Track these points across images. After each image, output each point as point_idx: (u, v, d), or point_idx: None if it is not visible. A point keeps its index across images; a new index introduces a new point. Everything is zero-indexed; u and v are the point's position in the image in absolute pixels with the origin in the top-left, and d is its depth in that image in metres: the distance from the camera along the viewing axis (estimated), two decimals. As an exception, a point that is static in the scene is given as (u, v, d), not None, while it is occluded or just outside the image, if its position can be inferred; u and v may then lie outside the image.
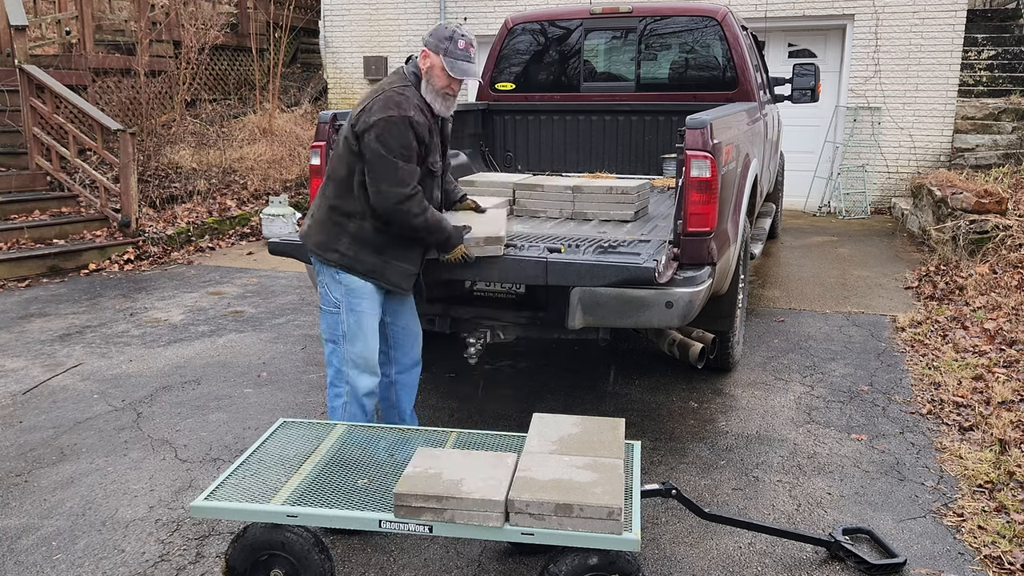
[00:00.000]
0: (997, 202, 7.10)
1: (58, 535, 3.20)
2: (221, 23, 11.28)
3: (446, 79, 3.11)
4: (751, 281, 6.87)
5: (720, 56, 5.82)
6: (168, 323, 5.97)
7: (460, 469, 2.60)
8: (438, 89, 3.14)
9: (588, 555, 2.47)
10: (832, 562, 3.01)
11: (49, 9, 10.38)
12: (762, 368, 4.99)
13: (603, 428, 2.94)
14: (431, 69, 3.12)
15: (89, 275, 7.40)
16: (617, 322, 3.60)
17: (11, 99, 8.70)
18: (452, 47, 3.09)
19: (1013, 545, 3.07)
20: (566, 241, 3.82)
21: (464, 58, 3.12)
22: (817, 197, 10.64)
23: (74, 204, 8.45)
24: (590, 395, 4.60)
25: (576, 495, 2.44)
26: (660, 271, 3.44)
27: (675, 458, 3.84)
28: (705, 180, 3.65)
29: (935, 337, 5.38)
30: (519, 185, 4.63)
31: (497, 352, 5.28)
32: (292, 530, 2.61)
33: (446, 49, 3.09)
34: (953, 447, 3.88)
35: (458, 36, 3.12)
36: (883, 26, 9.96)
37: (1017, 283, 6.09)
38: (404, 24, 12.00)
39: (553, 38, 6.26)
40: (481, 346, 3.88)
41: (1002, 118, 10.01)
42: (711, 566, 3.00)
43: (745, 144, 4.70)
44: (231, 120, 11.07)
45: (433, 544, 3.12)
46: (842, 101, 10.31)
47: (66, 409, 4.43)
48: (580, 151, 6.31)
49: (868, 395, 4.57)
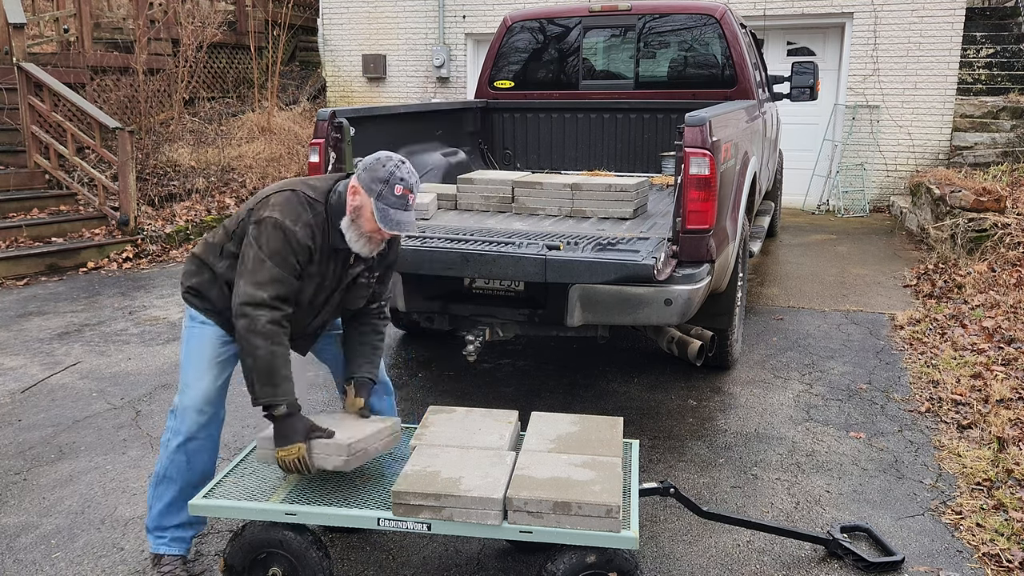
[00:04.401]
0: (996, 200, 7.10)
1: (57, 533, 3.20)
2: (219, 21, 11.26)
3: (373, 225, 2.63)
4: (750, 279, 6.87)
5: (719, 54, 5.82)
6: (167, 321, 5.97)
7: (458, 467, 2.60)
8: (363, 231, 2.66)
9: (586, 553, 2.48)
10: (830, 560, 3.01)
11: (47, 7, 10.36)
12: (761, 366, 4.99)
13: (602, 427, 2.94)
14: (359, 209, 2.63)
15: (88, 273, 7.40)
16: (616, 319, 3.60)
17: (9, 97, 8.69)
18: (387, 191, 2.59)
19: (1011, 543, 3.07)
20: (565, 238, 3.82)
21: (399, 206, 2.60)
22: (816, 195, 10.64)
23: (72, 202, 8.44)
24: (589, 393, 4.60)
25: (574, 493, 2.44)
26: (659, 268, 3.44)
27: (674, 456, 3.84)
28: (704, 178, 3.65)
29: (934, 335, 5.38)
30: (518, 183, 4.63)
31: (496, 350, 5.28)
32: (290, 528, 2.61)
33: (379, 193, 2.59)
34: (951, 445, 3.88)
35: (396, 180, 2.60)
36: (882, 24, 9.96)
37: (1015, 281, 6.09)
38: (403, 22, 11.99)
39: (552, 36, 6.26)
40: (480, 344, 3.88)
41: (1001, 116, 10.01)
42: (710, 564, 3.00)
43: (744, 142, 4.70)
44: (230, 118, 11.06)
45: (432, 542, 3.12)
46: (841, 99, 10.31)
47: (65, 407, 4.43)
48: (579, 149, 6.31)
49: (867, 393, 4.57)
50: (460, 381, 4.80)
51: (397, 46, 12.08)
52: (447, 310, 4.00)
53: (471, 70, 11.65)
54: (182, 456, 2.81)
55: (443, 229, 4.04)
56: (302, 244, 2.62)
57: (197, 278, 2.83)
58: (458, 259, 3.54)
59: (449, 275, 3.70)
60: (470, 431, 2.88)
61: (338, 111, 4.24)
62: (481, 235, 3.89)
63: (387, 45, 12.15)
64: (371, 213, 2.61)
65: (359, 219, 2.64)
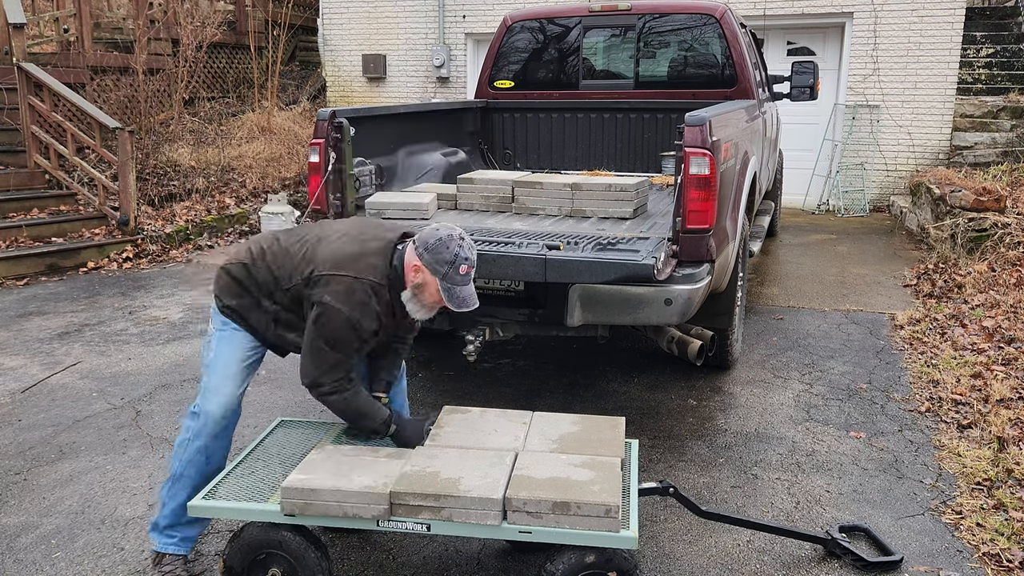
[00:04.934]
0: (996, 200, 7.10)
1: (57, 533, 3.20)
2: (219, 21, 11.26)
3: (438, 298, 2.71)
4: (750, 279, 6.87)
5: (719, 54, 5.81)
6: (167, 321, 5.97)
7: (458, 467, 2.60)
8: (425, 304, 2.74)
9: (585, 553, 2.47)
10: (829, 559, 3.01)
11: (47, 7, 10.36)
12: (761, 366, 4.99)
13: (603, 427, 2.95)
14: (423, 287, 2.69)
15: (88, 273, 7.40)
16: (616, 319, 3.60)
17: (9, 97, 8.69)
18: (452, 272, 2.65)
19: (1011, 542, 3.07)
20: (565, 238, 3.82)
21: (464, 283, 2.69)
22: (816, 195, 10.64)
23: (72, 202, 8.44)
24: (589, 393, 4.60)
25: (573, 493, 2.44)
26: (659, 268, 3.44)
27: (674, 456, 3.84)
28: (704, 177, 3.65)
29: (934, 335, 5.38)
30: (518, 183, 4.63)
31: (496, 350, 5.28)
32: (289, 529, 2.61)
33: (445, 274, 2.65)
34: (951, 445, 3.88)
35: (461, 261, 2.65)
36: (882, 24, 9.96)
37: (1015, 281, 6.09)
38: (403, 22, 11.99)
39: (552, 36, 6.26)
40: (480, 344, 3.88)
41: (1001, 116, 10.01)
42: (710, 563, 3.00)
43: (744, 142, 4.70)
44: (229, 118, 11.06)
45: (432, 542, 3.12)
46: (841, 99, 10.31)
47: (65, 407, 4.43)
48: (579, 149, 6.31)
49: (867, 393, 4.57)
50: (460, 381, 4.80)
51: (397, 46, 12.07)
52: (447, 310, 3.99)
53: (471, 70, 11.65)
54: (202, 457, 2.86)
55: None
56: (369, 331, 2.71)
57: (238, 300, 2.86)
58: None
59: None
60: (485, 432, 2.88)
61: (338, 111, 4.24)
62: (481, 235, 3.89)
63: (387, 45, 12.15)
64: (436, 290, 2.68)
65: (421, 294, 2.71)
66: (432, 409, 4.35)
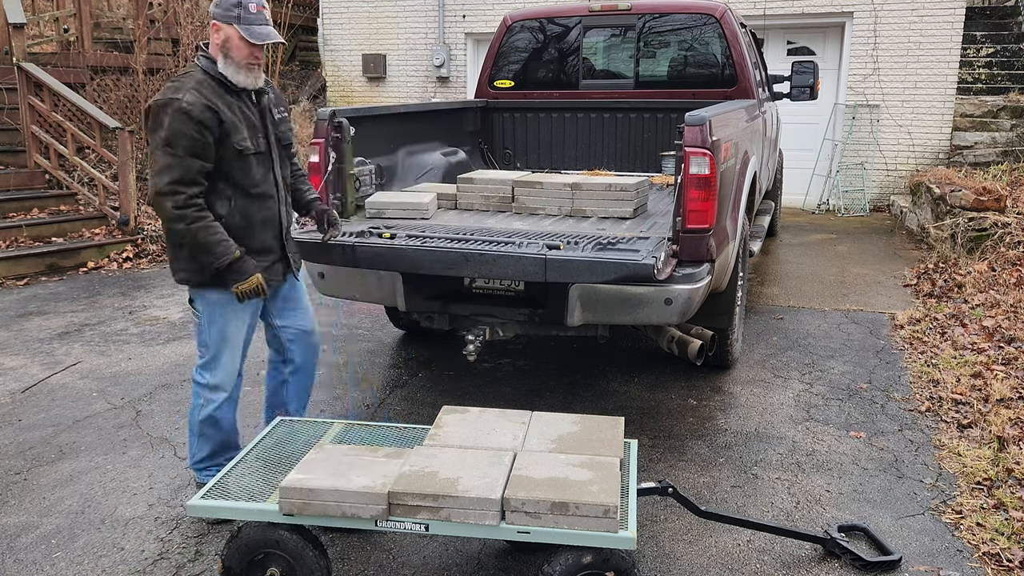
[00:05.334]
0: (996, 200, 7.09)
1: (57, 533, 3.20)
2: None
3: (247, 48, 2.88)
4: (750, 278, 6.87)
5: (719, 53, 5.81)
6: (167, 321, 5.97)
7: (456, 467, 2.60)
8: (239, 61, 2.89)
9: (582, 553, 2.47)
10: (829, 559, 3.01)
11: (47, 7, 10.36)
12: (761, 365, 4.99)
13: (602, 426, 2.94)
14: (227, 42, 2.88)
15: (88, 273, 7.40)
16: (616, 319, 3.60)
17: (9, 97, 8.69)
18: (244, 13, 2.85)
19: (1011, 542, 3.07)
20: (565, 238, 3.82)
21: (260, 21, 2.88)
22: (816, 194, 10.64)
23: (72, 202, 8.44)
24: (589, 393, 4.60)
25: (572, 493, 2.44)
26: (659, 268, 3.43)
27: (674, 456, 3.84)
28: (704, 177, 3.65)
29: (934, 335, 5.38)
30: (518, 182, 4.62)
31: (496, 350, 5.28)
32: (287, 529, 2.61)
33: (238, 16, 2.85)
34: (952, 444, 3.88)
35: (247, 1, 2.87)
36: (882, 24, 9.95)
37: (1016, 280, 6.09)
38: (403, 22, 11.98)
39: (552, 36, 6.26)
40: (480, 343, 3.88)
41: (1001, 116, 10.01)
42: (710, 563, 3.00)
43: (744, 141, 4.70)
44: (230, 118, 11.05)
45: (432, 542, 3.12)
46: (841, 99, 10.31)
47: (65, 407, 4.43)
48: (579, 148, 6.30)
49: (867, 392, 4.57)
50: (460, 381, 4.80)
51: (397, 46, 12.07)
52: (447, 310, 3.99)
53: (471, 70, 11.65)
54: (209, 422, 3.21)
55: (443, 229, 4.03)
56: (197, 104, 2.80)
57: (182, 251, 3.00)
58: (458, 259, 3.54)
59: (449, 275, 3.70)
60: (484, 431, 2.88)
61: (338, 111, 4.24)
62: (481, 235, 3.89)
63: (387, 45, 12.15)
64: (239, 38, 2.85)
65: (230, 51, 2.88)
66: (432, 409, 4.36)
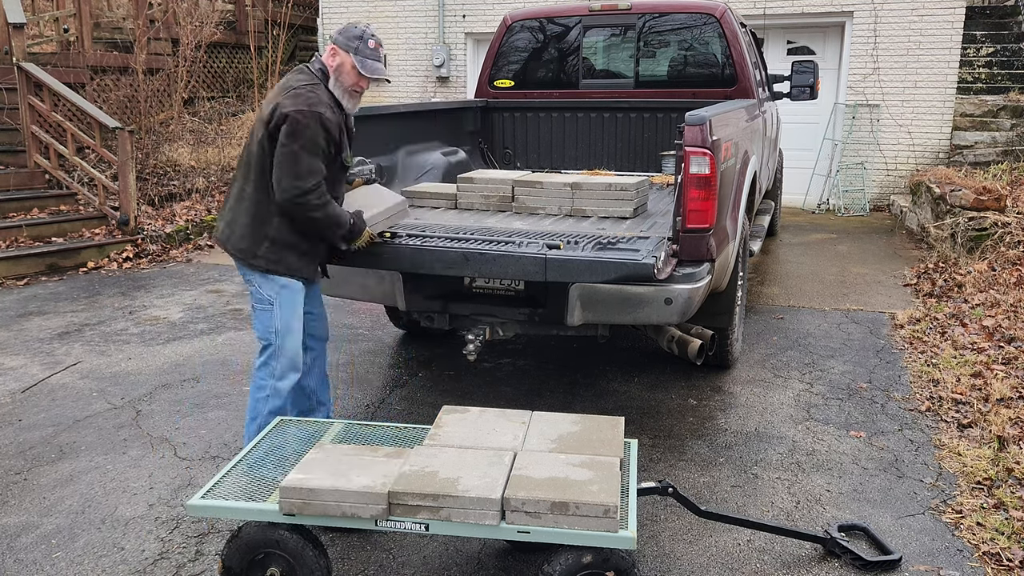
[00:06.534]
0: (996, 199, 7.09)
1: (58, 533, 3.20)
2: (219, 21, 11.26)
3: (355, 77, 3.17)
4: (750, 278, 6.87)
5: (719, 53, 5.81)
6: (167, 321, 5.97)
7: (456, 467, 2.60)
8: (347, 87, 3.18)
9: (582, 553, 2.47)
10: (829, 559, 3.01)
11: (47, 7, 10.37)
12: (761, 365, 4.99)
13: (603, 426, 2.94)
14: (341, 67, 3.16)
15: (88, 273, 7.40)
16: (616, 318, 3.59)
17: (9, 97, 8.69)
18: (362, 46, 3.16)
19: (1011, 542, 3.07)
20: (565, 237, 3.82)
21: (374, 57, 3.18)
22: (816, 194, 10.63)
23: (73, 202, 8.44)
24: (589, 392, 4.60)
25: (572, 493, 2.44)
26: (659, 267, 3.43)
27: (674, 455, 3.84)
28: (704, 177, 3.65)
29: (934, 334, 5.38)
30: (518, 182, 4.63)
31: (496, 349, 5.28)
32: (287, 528, 2.61)
33: (356, 48, 3.15)
34: (952, 444, 3.88)
35: (368, 36, 3.19)
36: (882, 23, 9.95)
37: (1016, 280, 6.09)
38: (403, 22, 11.98)
39: (552, 35, 6.26)
40: (480, 343, 3.88)
41: (1000, 115, 10.00)
42: (710, 563, 3.00)
43: (744, 141, 4.70)
44: (229, 118, 11.05)
45: (433, 541, 3.12)
46: (841, 98, 10.31)
47: (65, 407, 4.43)
48: (579, 148, 6.30)
49: (867, 392, 4.57)
50: (460, 381, 4.80)
51: (397, 46, 12.07)
52: (447, 309, 3.99)
53: (471, 70, 11.65)
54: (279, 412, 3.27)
55: (443, 228, 4.03)
56: (331, 120, 3.08)
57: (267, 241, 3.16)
58: (458, 258, 3.54)
59: (449, 274, 3.70)
60: (484, 431, 2.88)
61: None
62: (481, 234, 3.89)
63: (387, 45, 12.12)
64: (351, 67, 3.14)
65: (341, 76, 3.16)
66: (432, 409, 4.36)
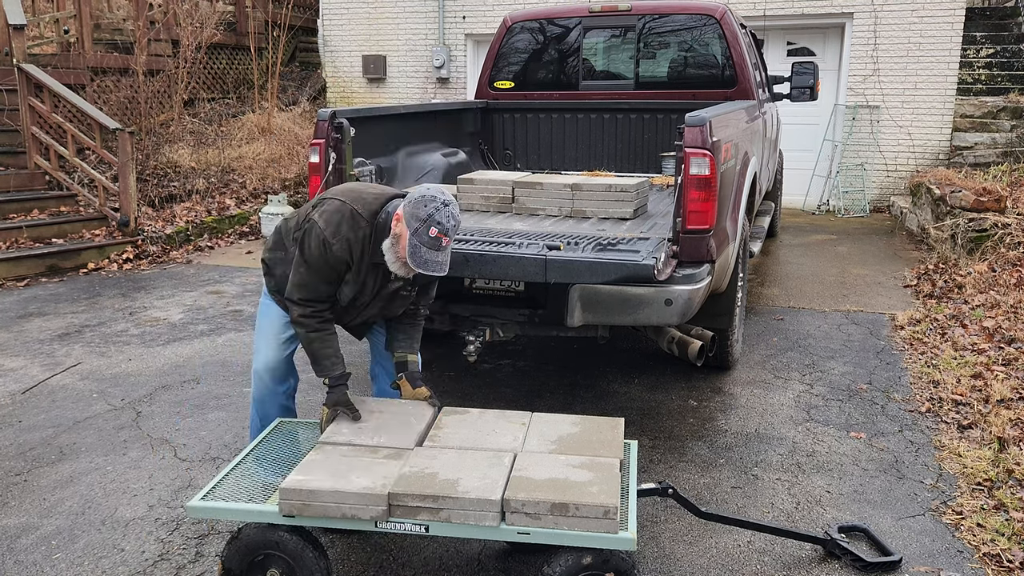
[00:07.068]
0: (996, 200, 7.09)
1: (58, 534, 3.20)
2: (219, 22, 11.26)
3: (405, 256, 2.79)
4: (750, 279, 6.87)
5: (719, 54, 5.81)
6: (167, 322, 5.97)
7: (456, 468, 2.60)
8: (398, 257, 2.82)
9: (582, 554, 2.47)
10: (830, 560, 3.01)
11: (47, 8, 10.37)
12: (761, 366, 4.99)
13: (603, 427, 2.94)
14: (399, 237, 2.78)
15: (88, 274, 7.40)
16: (616, 319, 3.59)
17: (9, 98, 8.69)
18: (423, 230, 2.72)
19: (1012, 543, 3.07)
20: (565, 239, 3.82)
21: (430, 246, 2.73)
22: (816, 195, 10.63)
23: (73, 203, 8.44)
24: (589, 394, 4.60)
25: (572, 494, 2.44)
26: (659, 268, 3.43)
27: (674, 456, 3.84)
28: (704, 178, 3.65)
29: (934, 335, 5.38)
30: (518, 183, 4.63)
31: (496, 351, 5.28)
32: (287, 530, 2.60)
33: (416, 229, 2.73)
34: (952, 445, 3.88)
35: (432, 223, 2.71)
36: (882, 24, 9.96)
37: (1016, 281, 6.09)
38: (403, 23, 11.99)
39: (552, 36, 6.26)
40: (480, 344, 3.88)
41: (1000, 116, 10.00)
42: (710, 564, 3.00)
43: (744, 142, 4.70)
44: (230, 119, 11.05)
45: (433, 542, 3.12)
46: (841, 99, 10.31)
47: (65, 408, 4.43)
48: (579, 149, 6.30)
49: (867, 393, 4.57)
50: (460, 382, 4.80)
51: (397, 47, 12.08)
52: (447, 310, 3.99)
53: (471, 70, 11.65)
54: (254, 411, 3.28)
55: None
56: (338, 258, 2.86)
57: (272, 253, 3.18)
58: (458, 259, 3.54)
59: (449, 275, 3.69)
60: (484, 432, 2.88)
61: (338, 111, 4.24)
62: (481, 235, 3.89)
63: (387, 46, 12.15)
64: (404, 246, 2.77)
65: (397, 245, 2.82)
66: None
